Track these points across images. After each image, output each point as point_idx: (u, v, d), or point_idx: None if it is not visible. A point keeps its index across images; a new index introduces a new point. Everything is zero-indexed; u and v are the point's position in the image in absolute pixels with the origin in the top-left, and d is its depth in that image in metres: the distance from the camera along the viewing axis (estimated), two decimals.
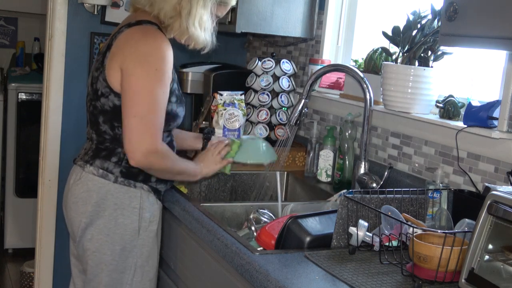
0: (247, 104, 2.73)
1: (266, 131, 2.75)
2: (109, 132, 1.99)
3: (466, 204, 1.86)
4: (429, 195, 1.89)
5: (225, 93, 2.64)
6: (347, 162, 2.40)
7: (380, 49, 2.36)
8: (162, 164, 1.97)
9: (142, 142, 1.88)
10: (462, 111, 2.07)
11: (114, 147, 1.99)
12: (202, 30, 2.00)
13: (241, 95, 2.68)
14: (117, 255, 1.99)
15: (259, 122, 2.75)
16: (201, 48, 2.06)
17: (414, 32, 2.14)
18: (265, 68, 2.73)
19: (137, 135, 1.88)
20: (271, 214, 2.09)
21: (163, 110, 1.93)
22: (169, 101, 1.97)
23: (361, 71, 2.28)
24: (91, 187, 1.98)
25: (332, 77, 2.70)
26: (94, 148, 2.02)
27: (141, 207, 2.00)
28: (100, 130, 2.01)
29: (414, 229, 1.57)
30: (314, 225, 1.77)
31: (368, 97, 2.21)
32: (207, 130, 2.35)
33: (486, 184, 1.84)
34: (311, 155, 2.61)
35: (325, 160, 2.52)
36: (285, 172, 2.64)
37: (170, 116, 1.99)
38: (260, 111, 2.75)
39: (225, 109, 2.59)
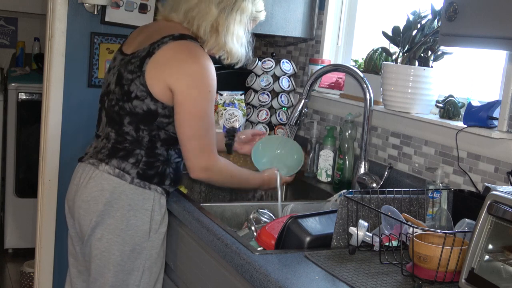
0: (247, 104, 2.73)
1: (266, 131, 2.75)
2: (132, 133, 1.99)
3: (466, 204, 1.86)
4: (429, 195, 1.89)
5: (225, 93, 2.64)
6: (347, 162, 2.40)
7: (380, 49, 2.36)
8: (219, 179, 2.11)
9: (203, 160, 2.01)
10: (462, 111, 2.07)
11: (133, 148, 1.99)
12: (239, 45, 2.08)
13: (241, 95, 2.68)
14: (126, 256, 1.99)
15: (259, 122, 2.75)
16: (235, 62, 2.12)
17: (414, 32, 2.14)
18: (265, 68, 2.73)
19: (198, 155, 2.00)
20: (271, 214, 2.09)
21: (214, 126, 2.04)
22: None
23: (361, 71, 2.28)
24: (105, 186, 1.97)
25: (332, 77, 2.70)
26: (110, 147, 2.01)
27: (153, 209, 2.00)
28: (122, 130, 2.00)
29: (414, 229, 1.57)
30: (314, 225, 1.77)
31: (368, 97, 2.21)
32: (230, 129, 2.42)
33: (486, 184, 1.85)
34: (311, 155, 2.61)
35: (325, 160, 2.52)
36: None
37: None
38: (260, 111, 2.75)
39: (225, 109, 2.59)
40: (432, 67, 2.14)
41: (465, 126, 1.96)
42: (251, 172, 2.25)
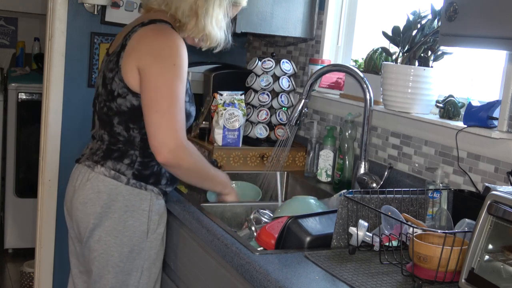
0: (247, 104, 2.73)
1: (266, 131, 2.75)
2: (124, 133, 1.98)
3: (466, 204, 1.86)
4: (429, 195, 1.89)
5: (225, 93, 2.64)
6: (347, 162, 2.40)
7: (380, 49, 2.36)
8: (191, 162, 1.96)
9: (168, 137, 1.87)
10: (462, 111, 2.07)
11: (127, 149, 1.99)
12: (218, 29, 2.02)
13: (241, 95, 2.68)
14: (125, 257, 1.98)
15: (259, 122, 2.75)
16: (214, 47, 2.07)
17: (414, 32, 2.14)
18: (265, 68, 2.73)
19: (162, 130, 1.87)
20: (271, 214, 2.09)
21: (183, 105, 1.93)
22: None
23: (361, 71, 2.28)
24: (102, 188, 1.97)
25: (332, 77, 2.70)
26: (105, 149, 2.01)
27: (150, 210, 2.00)
28: (113, 131, 2.00)
29: (414, 229, 1.57)
30: (314, 225, 1.77)
31: (368, 97, 2.21)
32: (211, 161, 2.37)
33: (486, 184, 1.84)
34: (311, 155, 2.61)
35: (325, 160, 2.52)
36: (285, 172, 2.64)
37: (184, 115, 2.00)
38: (260, 111, 2.75)
39: (225, 109, 2.59)
40: (432, 67, 2.14)
41: (465, 126, 1.96)
42: (216, 169, 2.19)
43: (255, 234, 1.93)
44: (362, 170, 2.24)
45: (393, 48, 2.24)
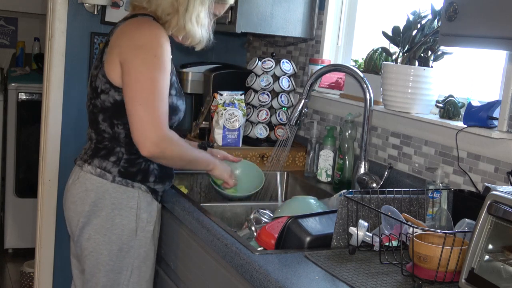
0: (247, 104, 2.73)
1: (266, 131, 2.75)
2: (108, 130, 1.99)
3: (466, 204, 1.86)
4: (429, 195, 1.89)
5: (225, 93, 2.64)
6: (347, 162, 2.40)
7: (380, 49, 2.36)
8: (174, 151, 1.95)
9: (150, 131, 1.86)
10: (462, 111, 2.07)
11: (113, 146, 1.99)
12: (199, 27, 2.00)
13: (241, 95, 2.68)
14: (114, 256, 1.98)
15: (259, 122, 2.75)
16: (196, 45, 2.05)
17: (414, 32, 2.14)
18: (265, 68, 2.73)
19: (144, 123, 1.86)
20: (271, 214, 2.09)
21: (166, 97, 1.92)
22: (169, 93, 1.96)
23: (361, 71, 2.28)
24: (89, 187, 1.97)
25: (332, 77, 2.70)
26: (93, 148, 2.02)
27: (138, 207, 1.99)
28: (99, 129, 2.00)
29: (414, 229, 1.58)
30: (314, 225, 1.77)
31: (368, 97, 2.21)
32: (203, 143, 2.37)
33: (486, 184, 1.85)
34: (311, 155, 2.61)
35: (325, 160, 2.52)
36: (285, 172, 2.64)
37: (171, 110, 1.97)
38: (260, 111, 2.75)
39: (225, 109, 2.59)
40: (432, 67, 2.14)
41: (465, 126, 1.96)
42: (199, 151, 2.20)
43: (255, 234, 1.93)
44: (362, 170, 2.24)
45: (393, 48, 2.24)
